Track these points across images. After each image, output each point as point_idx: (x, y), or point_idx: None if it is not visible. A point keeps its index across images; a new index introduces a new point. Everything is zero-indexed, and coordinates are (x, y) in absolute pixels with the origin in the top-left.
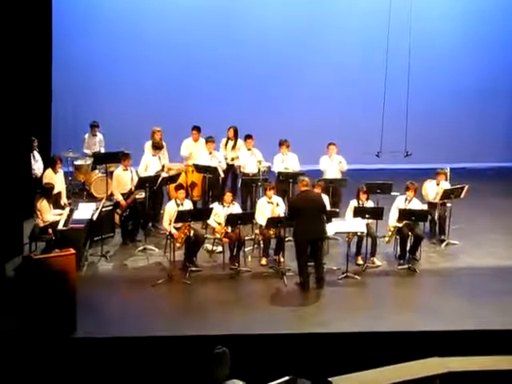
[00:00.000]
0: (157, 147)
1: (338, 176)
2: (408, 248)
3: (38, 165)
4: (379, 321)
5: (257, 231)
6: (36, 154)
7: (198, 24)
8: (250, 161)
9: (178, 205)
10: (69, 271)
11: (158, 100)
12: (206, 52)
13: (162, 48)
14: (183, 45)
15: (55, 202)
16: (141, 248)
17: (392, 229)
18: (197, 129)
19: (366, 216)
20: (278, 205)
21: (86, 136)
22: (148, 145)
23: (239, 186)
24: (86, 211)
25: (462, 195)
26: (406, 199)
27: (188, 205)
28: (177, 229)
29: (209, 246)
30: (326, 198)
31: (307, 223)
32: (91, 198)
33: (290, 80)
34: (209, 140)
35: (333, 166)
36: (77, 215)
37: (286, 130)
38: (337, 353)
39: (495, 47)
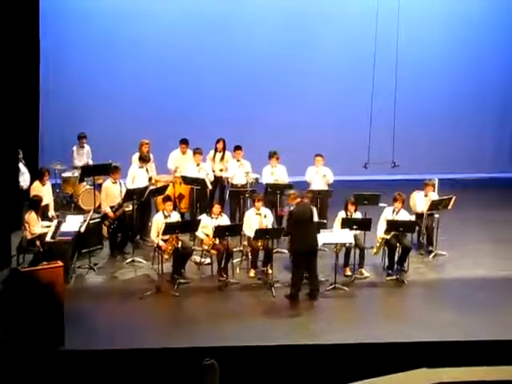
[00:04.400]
0: (144, 160)
1: (324, 187)
2: (396, 259)
3: (23, 177)
4: (368, 332)
5: (245, 243)
6: (22, 166)
7: (187, 36)
8: (237, 172)
9: (165, 216)
10: (56, 283)
11: (146, 112)
12: (194, 64)
13: (150, 61)
14: (172, 57)
15: (43, 215)
16: (129, 260)
17: (380, 240)
18: (185, 142)
19: (354, 227)
20: (265, 216)
21: (74, 148)
22: (136, 157)
23: (227, 197)
24: (73, 223)
25: (450, 206)
26: (394, 210)
27: (175, 217)
28: (165, 241)
29: (197, 258)
30: (313, 210)
31: (305, 235)
32: (79, 210)
33: (279, 92)
34: (196, 151)
35: (318, 177)
36: (64, 227)
37: (274, 142)
38: (326, 364)
39: (483, 58)
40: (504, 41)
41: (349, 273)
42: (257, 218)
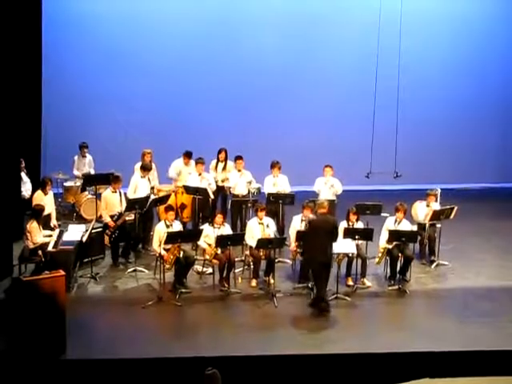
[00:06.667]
0: (145, 169)
1: (333, 198)
2: (398, 269)
3: (26, 186)
4: (370, 342)
5: (247, 252)
6: (24, 175)
7: (189, 47)
8: (239, 182)
9: (167, 226)
10: (58, 293)
11: (149, 122)
12: (196, 74)
13: (152, 70)
14: (174, 67)
15: (45, 224)
16: (131, 269)
17: (382, 250)
18: (188, 155)
19: (356, 237)
20: (268, 226)
21: (76, 157)
22: (138, 166)
23: (229, 207)
24: (75, 233)
25: (452, 216)
26: (396, 220)
27: (177, 226)
28: (166, 250)
29: (199, 268)
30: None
31: (320, 246)
32: (81, 219)
33: (282, 102)
34: (198, 162)
35: (327, 187)
36: (66, 237)
37: (276, 152)
38: (328, 374)
39: (485, 68)
40: (507, 49)
41: (351, 283)
42: (259, 228)
